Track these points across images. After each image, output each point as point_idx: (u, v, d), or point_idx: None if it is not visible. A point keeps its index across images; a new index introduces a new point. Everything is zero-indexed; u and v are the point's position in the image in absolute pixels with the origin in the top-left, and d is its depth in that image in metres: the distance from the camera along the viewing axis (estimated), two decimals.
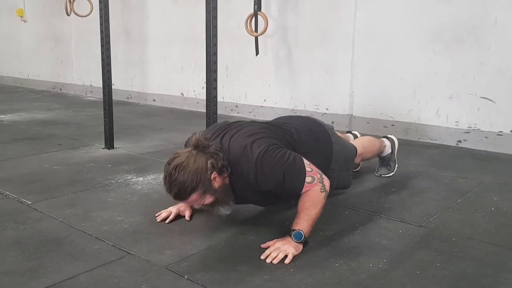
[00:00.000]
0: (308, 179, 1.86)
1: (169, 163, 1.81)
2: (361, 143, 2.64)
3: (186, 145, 2.05)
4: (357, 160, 2.59)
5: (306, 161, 1.91)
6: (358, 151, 2.54)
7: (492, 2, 3.41)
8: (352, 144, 2.56)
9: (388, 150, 2.83)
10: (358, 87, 4.18)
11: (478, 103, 3.55)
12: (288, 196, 1.95)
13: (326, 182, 1.91)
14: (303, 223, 1.84)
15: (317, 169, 1.91)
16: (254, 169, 1.85)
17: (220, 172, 1.83)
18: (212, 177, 1.81)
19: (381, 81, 4.02)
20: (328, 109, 4.38)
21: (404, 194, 2.54)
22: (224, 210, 1.92)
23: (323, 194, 1.88)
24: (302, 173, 1.86)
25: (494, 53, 3.44)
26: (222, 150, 1.87)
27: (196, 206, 1.89)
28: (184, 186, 1.76)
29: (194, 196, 1.79)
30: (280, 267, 1.71)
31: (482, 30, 3.47)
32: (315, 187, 1.87)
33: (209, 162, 1.80)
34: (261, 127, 2.06)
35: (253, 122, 2.13)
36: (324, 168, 2.12)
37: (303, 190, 1.87)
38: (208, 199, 1.85)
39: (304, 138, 2.15)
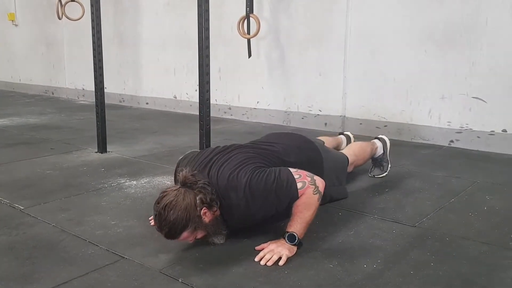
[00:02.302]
0: (299, 185, 1.87)
1: (157, 202, 1.78)
2: (353, 151, 2.64)
3: (175, 172, 2.05)
4: (350, 169, 2.59)
5: (292, 169, 1.91)
6: (350, 160, 2.55)
7: (483, 3, 3.43)
8: (343, 155, 2.56)
9: (380, 151, 2.84)
10: (350, 88, 4.19)
11: (470, 103, 3.58)
12: (288, 209, 1.92)
13: (319, 183, 1.91)
14: (296, 225, 1.84)
15: (305, 173, 1.91)
16: (245, 200, 1.85)
17: (209, 207, 1.82)
18: (202, 212, 1.79)
19: (374, 82, 4.03)
20: (321, 111, 4.39)
21: (398, 195, 2.55)
22: (218, 240, 1.91)
23: (317, 196, 1.88)
24: (293, 183, 1.87)
25: (485, 54, 3.46)
26: (210, 183, 1.86)
27: (189, 241, 1.88)
28: (175, 225, 1.73)
29: (185, 234, 1.78)
30: (274, 269, 1.71)
31: (473, 30, 3.49)
32: (308, 190, 1.87)
33: (197, 198, 1.78)
34: (247, 155, 2.02)
35: (240, 149, 2.10)
36: None
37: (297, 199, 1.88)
38: (200, 234, 1.84)
39: (293, 158, 2.14)
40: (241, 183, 1.85)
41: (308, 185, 1.87)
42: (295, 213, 1.86)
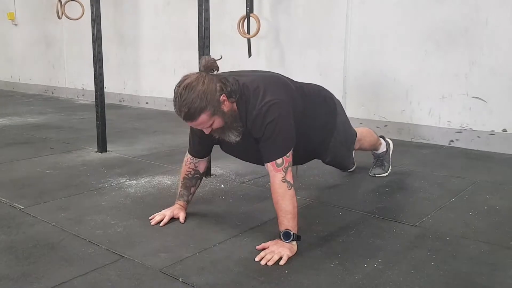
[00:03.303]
0: (279, 160, 1.85)
1: (178, 85, 1.80)
2: (360, 131, 2.68)
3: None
4: (356, 145, 2.62)
5: (291, 149, 1.91)
6: (358, 136, 2.58)
7: (483, 3, 3.43)
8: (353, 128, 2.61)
9: (383, 148, 2.85)
10: (351, 88, 4.19)
11: (470, 103, 3.58)
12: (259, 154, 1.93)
13: (289, 173, 1.87)
14: (284, 221, 1.83)
15: (290, 160, 1.89)
16: (258, 110, 1.85)
17: (229, 96, 1.84)
18: (221, 98, 1.81)
19: (374, 82, 4.03)
20: None
21: (398, 194, 2.55)
22: (234, 137, 1.91)
23: (285, 184, 1.84)
24: (284, 150, 1.86)
25: (485, 53, 3.46)
26: (235, 79, 1.89)
27: (206, 131, 1.88)
28: (194, 105, 1.75)
29: (203, 117, 1.79)
30: (275, 269, 1.70)
31: (473, 30, 3.49)
32: (278, 174, 1.85)
33: (218, 84, 1.81)
34: (281, 79, 2.07)
35: (275, 73, 2.14)
36: (325, 135, 2.19)
37: (268, 164, 1.87)
38: (217, 122, 1.85)
39: (313, 98, 2.19)
40: (265, 97, 1.86)
41: (282, 169, 1.85)
42: (276, 209, 1.86)
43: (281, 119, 1.87)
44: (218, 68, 1.86)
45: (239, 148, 2.04)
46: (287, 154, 1.87)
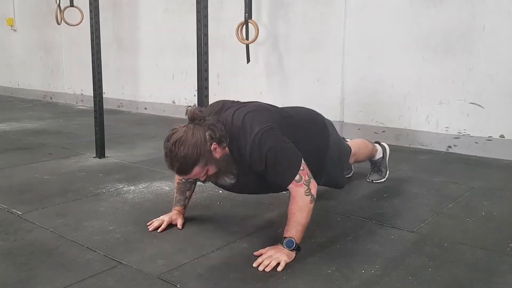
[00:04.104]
0: (297, 177, 1.84)
1: (167, 140, 1.80)
2: (355, 144, 2.67)
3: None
4: (351, 160, 2.60)
5: (302, 160, 1.89)
6: (352, 151, 2.56)
7: (480, 9, 3.45)
8: (347, 143, 2.59)
9: (379, 154, 2.85)
10: (348, 94, 4.20)
11: (468, 109, 3.59)
12: (274, 186, 1.93)
13: (313, 186, 1.88)
14: (292, 230, 1.83)
15: (308, 171, 1.89)
16: (251, 144, 1.84)
17: (219, 142, 1.83)
18: (212, 147, 1.80)
19: (372, 87, 4.04)
20: None
21: (396, 200, 2.55)
22: (229, 180, 1.91)
23: (309, 198, 1.85)
24: (295, 166, 1.85)
25: (482, 59, 3.48)
26: (221, 122, 1.88)
27: (201, 179, 1.88)
28: (186, 160, 1.75)
29: (197, 169, 1.79)
30: (272, 275, 1.71)
31: (470, 36, 3.51)
32: (300, 189, 1.84)
33: (207, 133, 1.80)
34: (265, 105, 2.07)
35: (256, 101, 2.13)
36: (318, 158, 2.14)
37: (289, 186, 1.86)
38: (211, 170, 1.85)
39: (302, 122, 2.17)
40: (253, 130, 1.85)
41: (303, 183, 1.85)
42: (290, 217, 1.86)
43: (277, 142, 1.86)
44: (204, 117, 1.84)
45: (238, 185, 2.02)
46: (301, 168, 1.86)
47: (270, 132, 1.87)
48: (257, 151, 1.84)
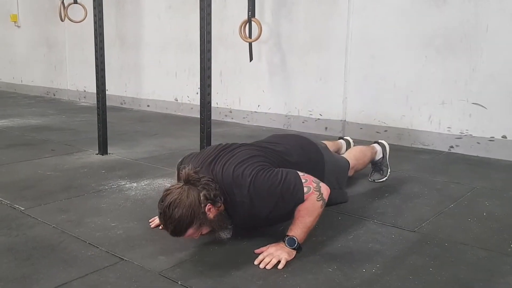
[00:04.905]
0: (305, 189, 1.87)
1: (162, 201, 1.79)
2: (353, 155, 2.66)
3: (178, 169, 2.05)
4: (350, 173, 2.60)
5: (300, 173, 1.91)
6: (351, 164, 2.56)
7: (483, 9, 3.44)
8: (345, 159, 2.57)
9: (379, 155, 2.85)
10: (351, 93, 4.20)
11: (470, 109, 3.58)
12: (291, 211, 1.93)
13: (324, 190, 1.91)
14: (297, 230, 1.84)
15: (312, 178, 1.92)
16: (249, 198, 1.85)
17: (214, 203, 1.83)
18: (206, 209, 1.80)
19: (374, 87, 4.04)
20: (322, 115, 4.39)
21: (397, 199, 2.55)
22: (224, 235, 1.92)
23: (320, 202, 1.88)
24: (300, 187, 1.87)
25: (485, 60, 3.47)
26: (214, 180, 1.87)
27: (195, 238, 1.89)
28: (180, 223, 1.75)
29: (190, 231, 1.79)
30: (273, 273, 1.71)
31: (473, 36, 3.50)
32: (312, 196, 1.87)
33: (201, 194, 1.79)
34: (251, 152, 2.03)
35: (244, 146, 2.11)
36: None
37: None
38: (205, 230, 1.85)
39: (296, 158, 2.16)
40: (245, 180, 1.86)
41: (313, 190, 1.87)
42: (297, 218, 1.87)
43: (272, 180, 1.86)
44: (200, 178, 1.83)
45: (255, 223, 2.01)
46: (303, 180, 1.87)
47: (261, 176, 1.87)
48: (256, 201, 1.86)
